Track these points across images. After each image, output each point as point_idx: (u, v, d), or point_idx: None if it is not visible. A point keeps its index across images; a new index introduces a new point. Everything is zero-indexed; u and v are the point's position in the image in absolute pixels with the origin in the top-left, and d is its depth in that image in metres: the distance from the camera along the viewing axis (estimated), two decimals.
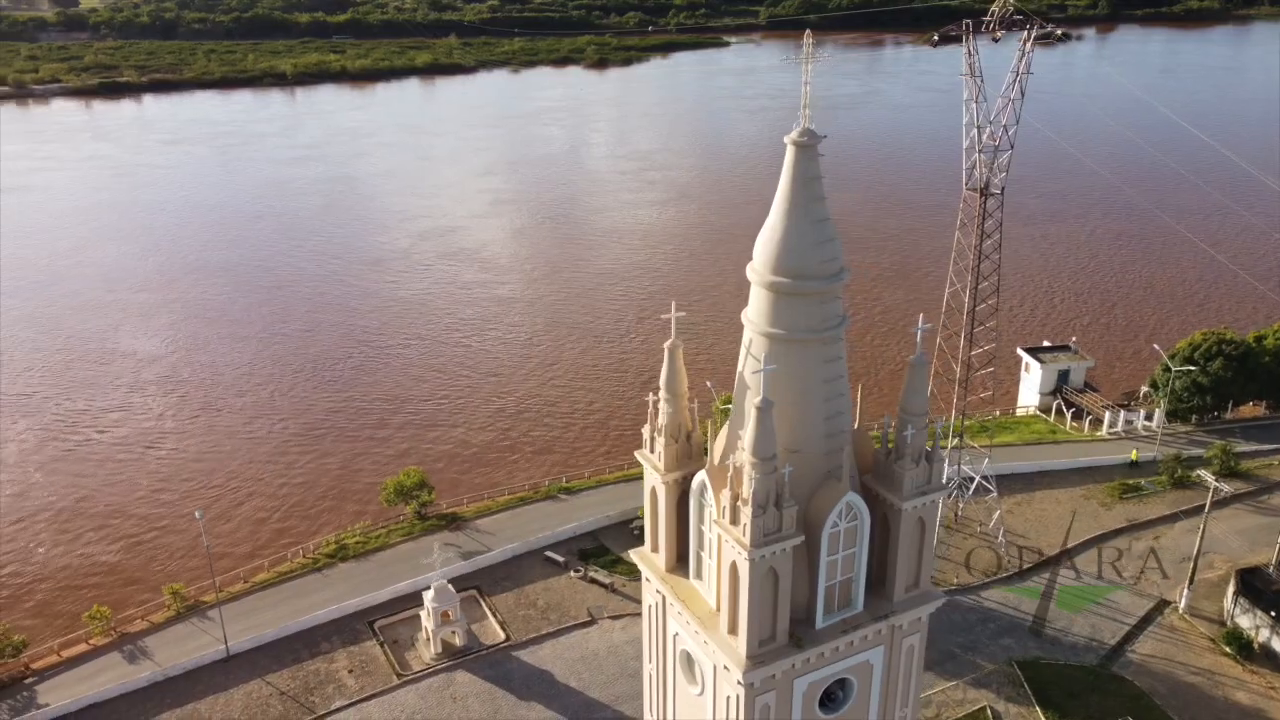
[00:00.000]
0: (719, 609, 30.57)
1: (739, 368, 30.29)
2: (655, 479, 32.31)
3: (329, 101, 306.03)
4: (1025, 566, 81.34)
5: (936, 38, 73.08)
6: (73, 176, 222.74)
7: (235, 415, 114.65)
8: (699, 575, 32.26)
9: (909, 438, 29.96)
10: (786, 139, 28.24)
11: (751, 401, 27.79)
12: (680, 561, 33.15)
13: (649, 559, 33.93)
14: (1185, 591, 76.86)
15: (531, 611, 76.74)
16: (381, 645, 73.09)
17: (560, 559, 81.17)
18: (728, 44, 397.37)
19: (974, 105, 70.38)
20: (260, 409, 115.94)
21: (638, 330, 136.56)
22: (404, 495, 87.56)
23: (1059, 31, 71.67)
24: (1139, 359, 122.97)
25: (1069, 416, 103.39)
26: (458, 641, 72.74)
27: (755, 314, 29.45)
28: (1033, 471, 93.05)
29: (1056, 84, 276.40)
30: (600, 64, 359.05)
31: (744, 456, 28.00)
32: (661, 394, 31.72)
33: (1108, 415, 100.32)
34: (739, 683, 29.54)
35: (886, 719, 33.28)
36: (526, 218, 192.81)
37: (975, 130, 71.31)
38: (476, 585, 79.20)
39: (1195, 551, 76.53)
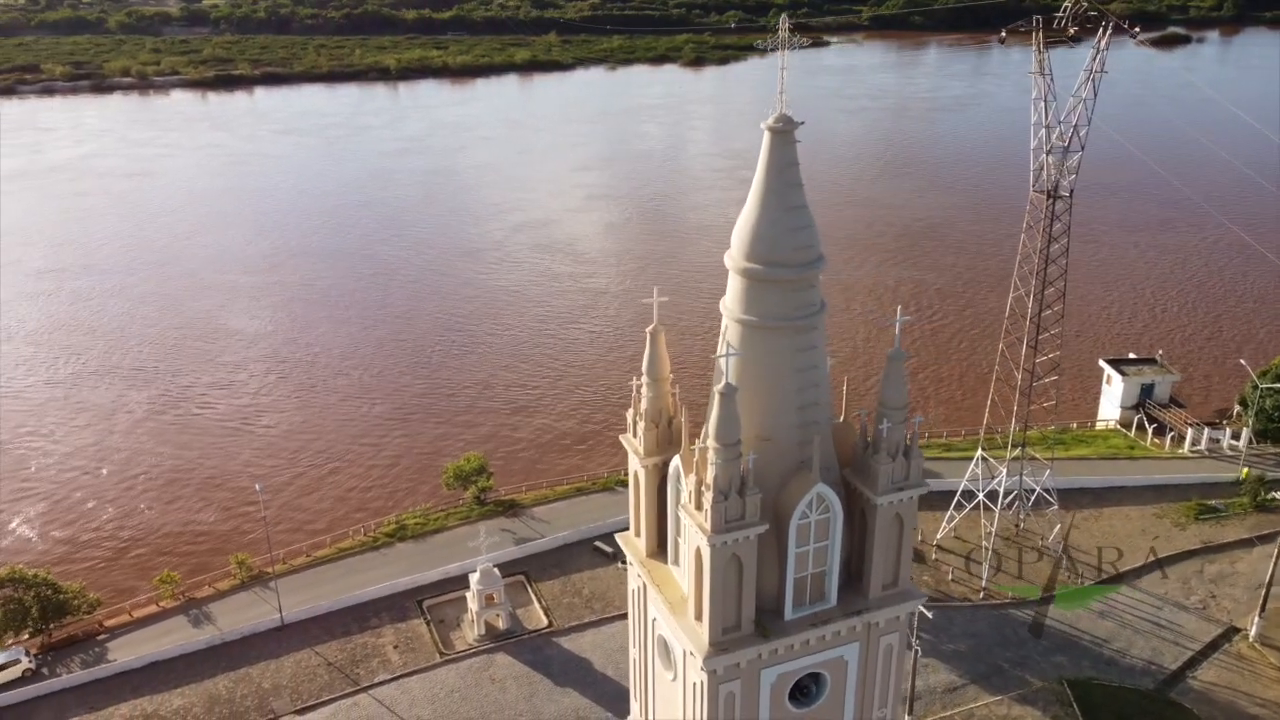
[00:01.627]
0: (689, 595, 30.59)
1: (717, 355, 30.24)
2: (636, 463, 32.51)
3: (431, 96, 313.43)
4: (1086, 583, 78.55)
5: (1004, 34, 71.16)
6: (191, 164, 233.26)
7: (331, 394, 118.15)
8: (676, 561, 32.33)
9: (885, 431, 29.50)
10: (763, 125, 28.11)
11: (715, 386, 27.76)
12: (661, 547, 33.28)
13: (632, 543, 34.17)
14: (1256, 619, 73.20)
15: (576, 600, 77.51)
16: (428, 624, 74.84)
17: (609, 550, 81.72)
18: (828, 43, 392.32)
19: (1042, 104, 68.29)
20: (355, 389, 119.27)
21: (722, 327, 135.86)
22: (463, 480, 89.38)
23: (1137, 30, 68.93)
24: (1234, 376, 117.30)
25: (1150, 432, 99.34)
26: (501, 624, 73.99)
27: (731, 301, 29.41)
28: (1103, 487, 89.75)
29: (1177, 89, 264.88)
30: (697, 62, 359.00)
31: (708, 442, 28.00)
32: (643, 379, 31.89)
33: (1190, 432, 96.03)
34: (701, 669, 29.52)
35: (863, 718, 32.75)
36: (619, 213, 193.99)
37: (1044, 130, 69.19)
38: (525, 571, 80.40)
39: (1269, 577, 72.81)
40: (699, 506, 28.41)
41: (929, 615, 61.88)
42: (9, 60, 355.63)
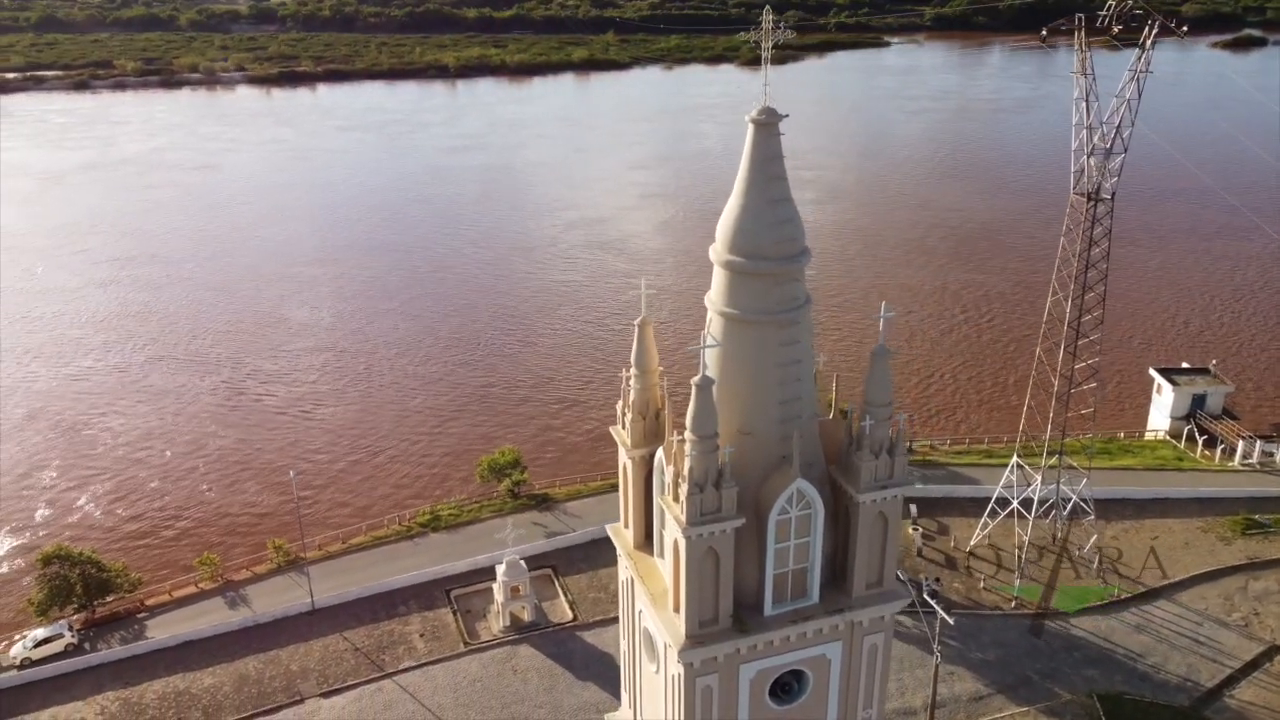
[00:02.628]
0: (669, 587, 30.61)
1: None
2: (624, 455, 32.61)
3: (489, 94, 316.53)
4: (1123, 596, 76.73)
5: (1044, 32, 69.80)
6: (255, 158, 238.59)
7: (386, 385, 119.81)
8: (661, 553, 32.36)
9: (868, 428, 29.22)
10: (747, 117, 28.05)
11: (692, 379, 27.74)
12: (649, 539, 33.36)
13: (621, 535, 34.29)
14: None
15: (602, 595, 77.76)
16: (454, 613, 75.68)
17: None
18: (888, 44, 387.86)
19: (1084, 104, 66.87)
20: (410, 381, 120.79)
21: None
22: (497, 473, 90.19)
23: (1184, 29, 67.14)
24: None
25: (1200, 444, 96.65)
26: (526, 616, 74.52)
27: (714, 294, 29.37)
28: (1147, 498, 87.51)
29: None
30: (754, 62, 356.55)
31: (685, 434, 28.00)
32: (631, 370, 31.98)
33: (1241, 445, 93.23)
34: (678, 661, 29.52)
35: (847, 718, 32.46)
36: (674, 211, 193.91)
37: (1085, 131, 67.75)
38: (553, 564, 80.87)
39: None
40: (676, 498, 28.42)
41: (950, 621, 60.83)
42: (84, 56, 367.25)
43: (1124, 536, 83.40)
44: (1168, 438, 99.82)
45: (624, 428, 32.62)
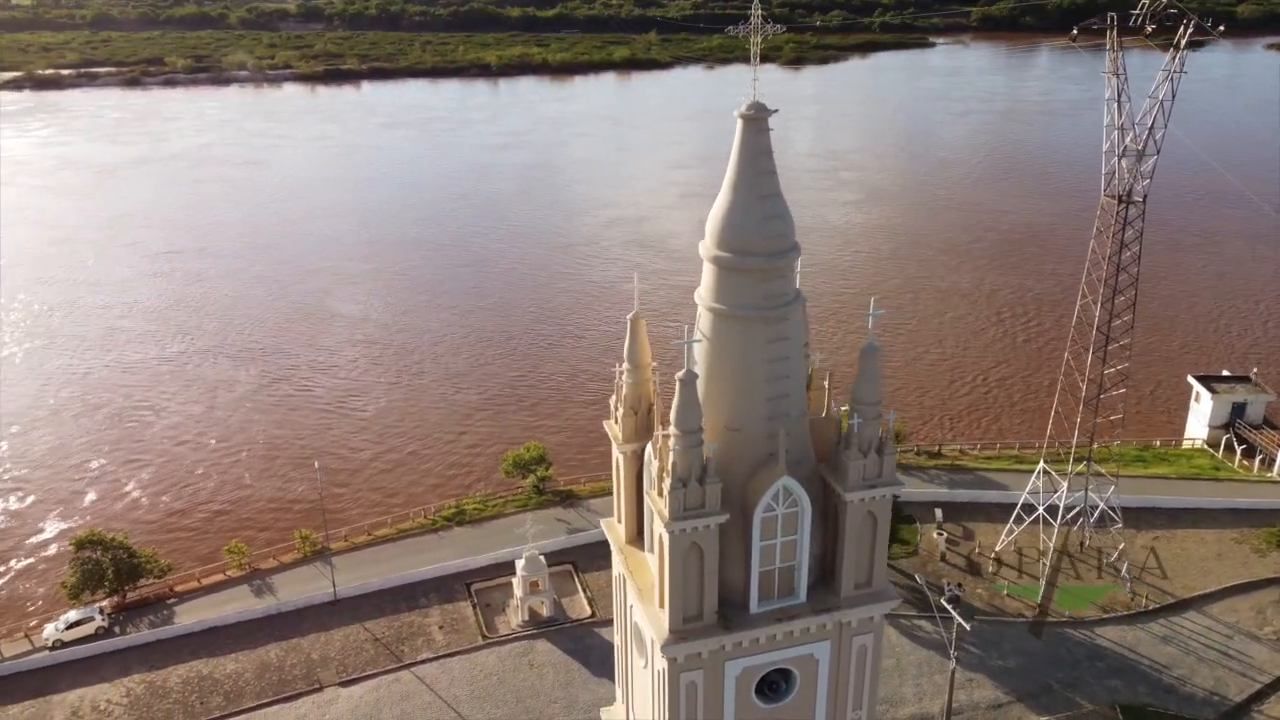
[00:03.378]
0: (655, 582, 30.60)
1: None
2: (616, 450, 32.67)
3: (531, 92, 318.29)
4: (1150, 606, 75.32)
5: (1075, 32, 68.69)
6: (301, 154, 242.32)
7: (423, 379, 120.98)
8: (651, 548, 32.34)
9: (857, 427, 28.98)
10: (736, 112, 27.99)
11: (677, 374, 27.71)
12: (640, 533, 33.34)
13: (614, 529, 34.34)
14: None
15: None
16: (474, 607, 76.23)
17: None
18: (933, 44, 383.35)
19: (1115, 105, 65.75)
20: (447, 375, 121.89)
21: (830, 328, 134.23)
22: (522, 468, 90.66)
23: (1221, 29, 65.70)
24: None
25: (1239, 454, 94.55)
26: (545, 612, 74.85)
27: (703, 289, 29.30)
28: (1180, 508, 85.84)
29: None
30: (796, 62, 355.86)
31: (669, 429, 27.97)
32: (624, 365, 32.02)
33: None
34: (661, 656, 29.50)
35: (836, 719, 32.21)
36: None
37: (1117, 132, 66.60)
38: (573, 560, 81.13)
39: None
40: (661, 493, 28.40)
41: (967, 627, 60.09)
42: (136, 53, 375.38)
43: (1154, 546, 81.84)
44: (1205, 447, 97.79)
45: (616, 422, 32.64)
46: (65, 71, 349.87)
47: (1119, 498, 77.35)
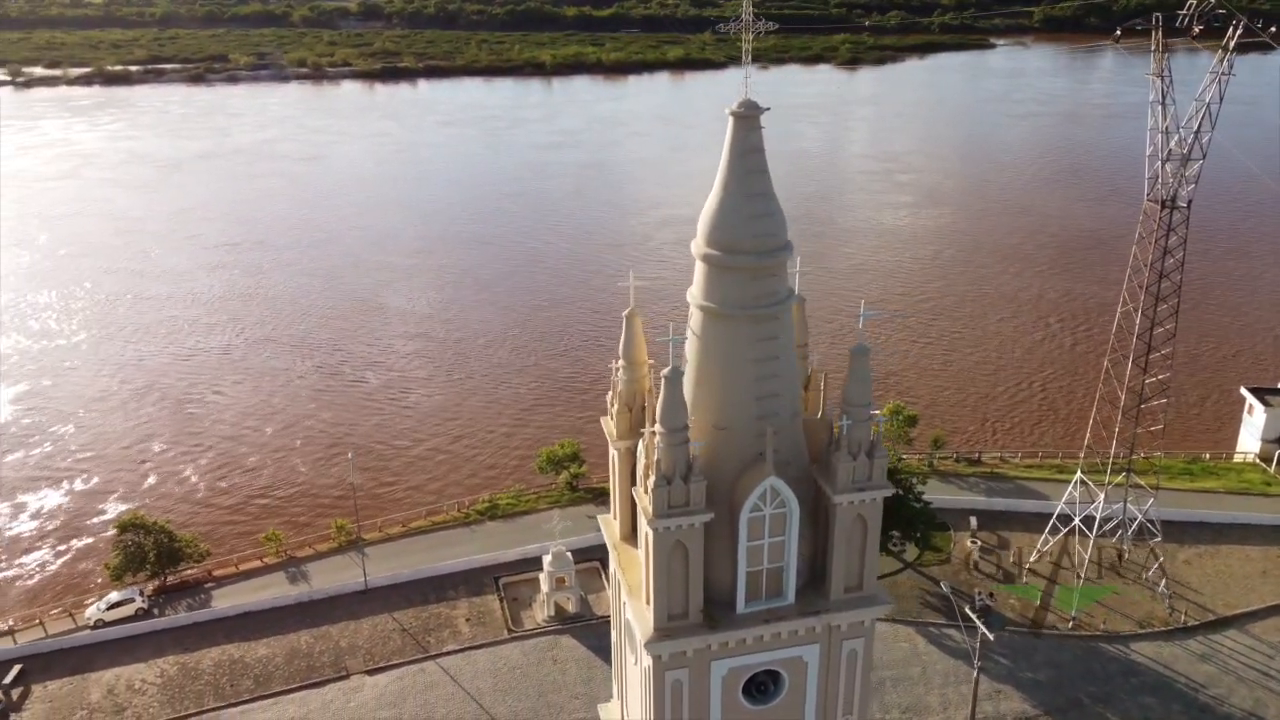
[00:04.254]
0: (642, 579, 30.60)
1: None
2: (611, 446, 32.73)
3: (586, 91, 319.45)
4: (1190, 623, 73.38)
5: (1119, 32, 67.13)
6: (359, 150, 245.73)
7: (474, 374, 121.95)
8: (641, 545, 32.33)
9: (846, 429, 28.70)
10: (727, 110, 27.90)
11: (662, 371, 27.70)
12: (634, 531, 33.32)
13: (609, 525, 34.39)
14: None
15: None
16: (501, 601, 76.84)
17: None
18: (993, 45, 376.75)
19: (1160, 108, 64.18)
20: (497, 371, 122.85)
21: (871, 333, 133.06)
22: (556, 465, 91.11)
23: (1273, 29, 63.77)
24: None
25: None
26: (571, 608, 75.18)
27: (694, 287, 29.24)
28: (1225, 523, 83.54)
29: None
30: (852, 63, 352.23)
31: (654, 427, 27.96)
32: (619, 362, 32.06)
33: None
34: (646, 653, 29.49)
35: None
36: None
37: (1161, 135, 65.02)
38: (601, 558, 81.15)
39: None
40: (646, 490, 28.40)
41: (990, 637, 59.11)
42: (202, 50, 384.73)
43: (1196, 561, 79.80)
44: (1257, 461, 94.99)
45: (612, 419, 32.69)
46: (134, 68, 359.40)
47: (1158, 510, 75.49)
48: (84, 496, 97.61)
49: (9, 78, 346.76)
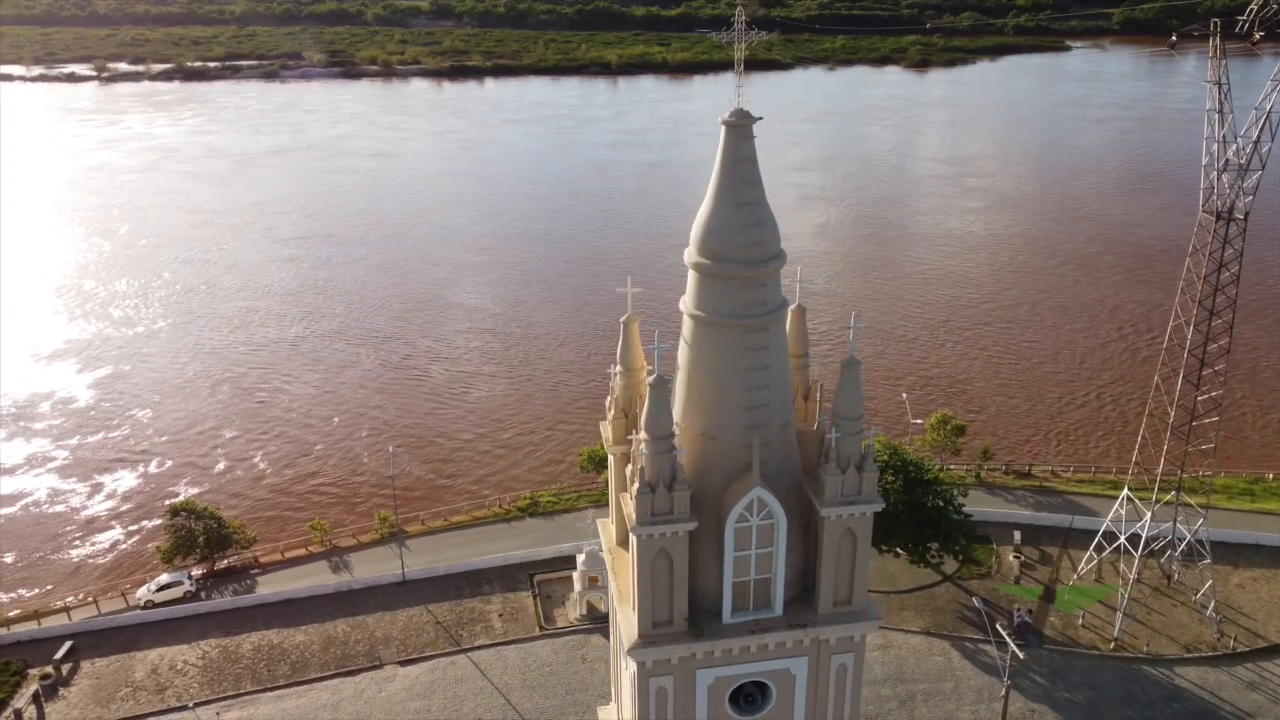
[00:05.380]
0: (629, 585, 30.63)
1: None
2: (607, 450, 32.83)
3: (652, 91, 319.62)
4: (1239, 649, 70.96)
5: (1174, 38, 65.07)
6: (428, 147, 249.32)
7: (536, 370, 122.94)
8: None
9: (835, 442, 28.39)
10: (720, 119, 27.83)
11: (648, 379, 27.70)
12: (628, 536, 33.34)
13: (607, 529, 34.48)
14: None
15: None
16: (534, 598, 77.42)
17: None
18: (1069, 48, 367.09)
19: (1217, 116, 62.14)
20: (557, 367, 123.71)
21: (942, 338, 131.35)
22: (598, 464, 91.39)
23: None
24: None
25: None
26: (603, 607, 75.40)
27: (686, 295, 29.19)
28: None
29: None
30: (921, 64, 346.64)
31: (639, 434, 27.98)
32: (616, 367, 32.13)
33: None
34: (629, 658, 29.54)
35: None
36: (833, 214, 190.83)
37: (1218, 145, 62.96)
38: None
39: None
40: (632, 497, 28.43)
41: (1021, 656, 57.85)
42: (277, 47, 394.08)
43: (1249, 585, 77.11)
44: None
45: (609, 424, 32.77)
46: (212, 64, 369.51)
47: (1208, 531, 73.09)
48: (155, 479, 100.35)
49: (94, 72, 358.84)
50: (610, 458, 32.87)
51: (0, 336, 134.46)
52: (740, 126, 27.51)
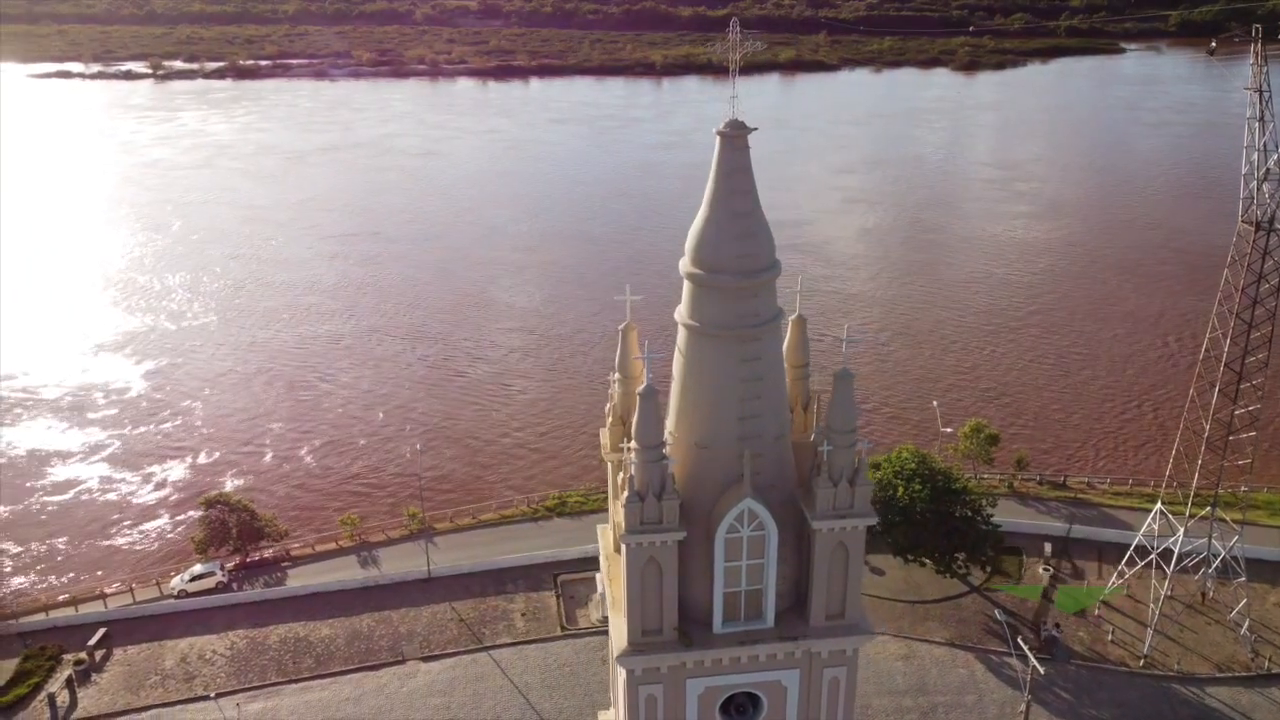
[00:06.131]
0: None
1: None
2: (605, 457, 32.96)
3: (697, 91, 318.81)
4: (1274, 669, 69.28)
5: (1214, 44, 63.60)
6: (474, 146, 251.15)
7: (577, 371, 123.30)
8: None
9: (827, 455, 28.23)
10: (715, 130, 27.85)
11: (638, 388, 27.76)
12: None
13: (606, 536, 34.60)
14: None
15: None
16: (558, 598, 77.81)
17: None
18: (1123, 50, 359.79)
19: (1258, 124, 60.71)
20: (599, 368, 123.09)
21: (983, 343, 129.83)
22: None
23: None
24: None
25: None
26: None
27: (681, 305, 29.21)
28: None
29: None
30: (970, 67, 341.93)
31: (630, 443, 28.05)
32: (615, 375, 32.24)
33: None
34: (619, 665, 29.63)
35: None
36: (878, 218, 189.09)
37: (1259, 153, 61.50)
38: None
39: None
40: (622, 505, 28.51)
41: (1042, 671, 56.98)
42: (327, 46, 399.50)
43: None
44: None
45: (607, 431, 32.88)
46: (263, 62, 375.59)
47: (1244, 548, 71.41)
48: (200, 470, 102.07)
49: (150, 70, 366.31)
50: (608, 464, 32.98)
51: (61, 328, 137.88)
52: (734, 137, 27.42)
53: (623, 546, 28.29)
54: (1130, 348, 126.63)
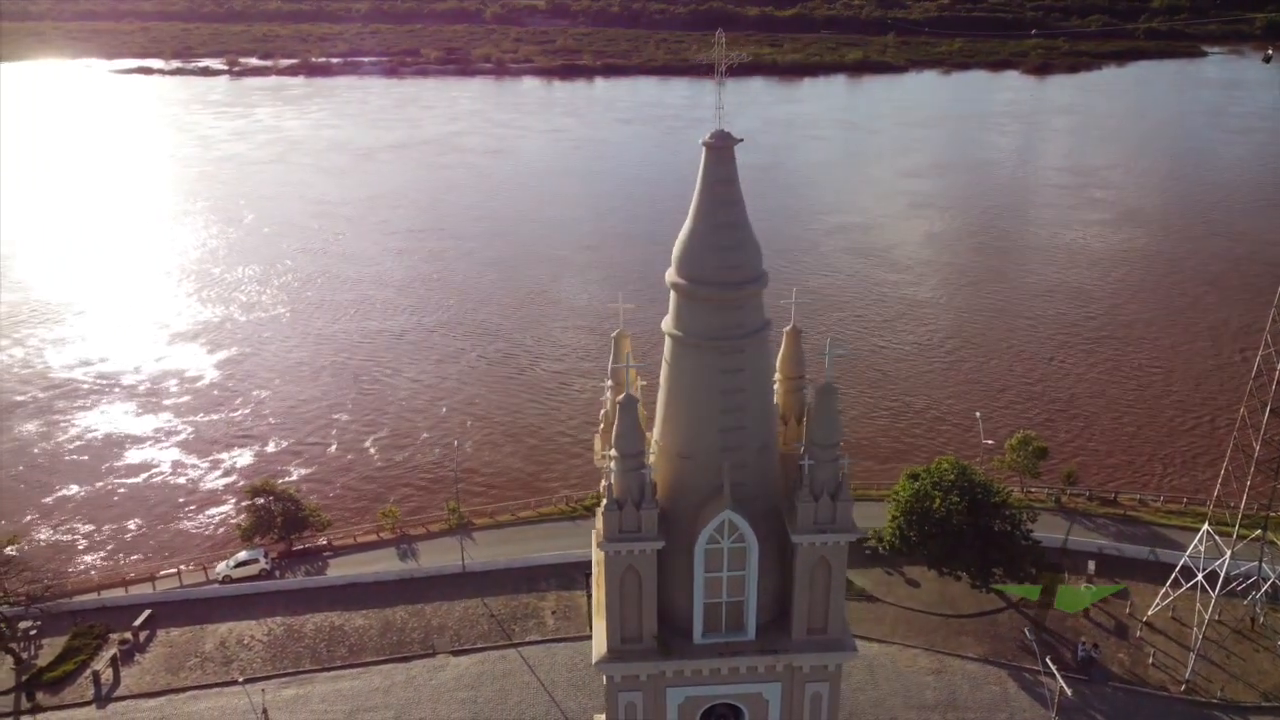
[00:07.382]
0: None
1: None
2: (596, 462, 33.05)
3: (763, 92, 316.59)
4: None
5: (1270, 51, 61.17)
6: (540, 145, 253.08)
7: (641, 371, 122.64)
8: None
9: (809, 469, 27.97)
10: (700, 141, 27.82)
11: (617, 397, 27.80)
12: None
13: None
14: None
15: None
16: (588, 597, 77.97)
17: None
18: (1204, 53, 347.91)
19: None
20: (655, 368, 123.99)
21: (1051, 352, 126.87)
22: None
23: None
24: None
25: None
26: None
27: (668, 315, 29.20)
28: None
29: None
30: (1042, 69, 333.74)
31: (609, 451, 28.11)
32: (608, 381, 32.34)
33: None
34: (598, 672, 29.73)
35: None
36: (946, 223, 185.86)
37: None
38: None
39: None
40: (601, 512, 28.61)
41: (1069, 692, 55.55)
42: (399, 44, 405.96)
43: None
44: None
45: (599, 437, 32.98)
46: (335, 60, 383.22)
47: None
48: (265, 459, 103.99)
49: (226, 67, 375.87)
50: (601, 472, 33.01)
51: (140, 317, 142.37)
52: (720, 148, 27.31)
53: (600, 555, 28.39)
54: (1211, 362, 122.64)
